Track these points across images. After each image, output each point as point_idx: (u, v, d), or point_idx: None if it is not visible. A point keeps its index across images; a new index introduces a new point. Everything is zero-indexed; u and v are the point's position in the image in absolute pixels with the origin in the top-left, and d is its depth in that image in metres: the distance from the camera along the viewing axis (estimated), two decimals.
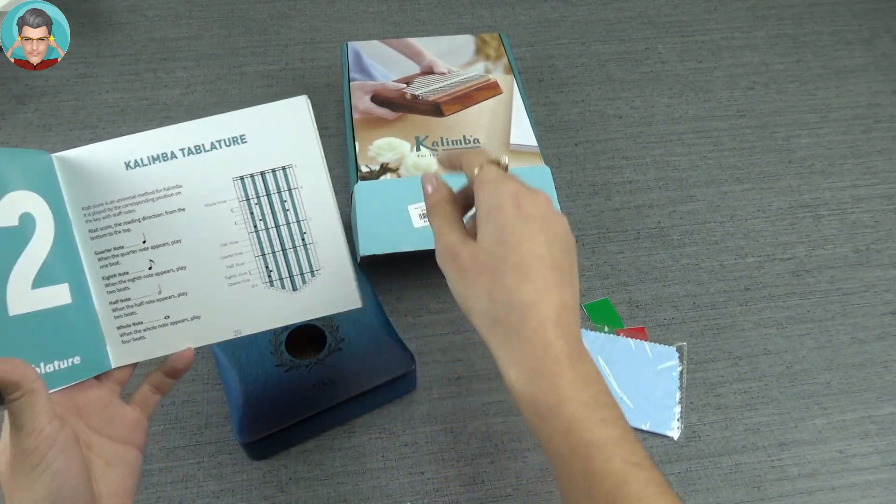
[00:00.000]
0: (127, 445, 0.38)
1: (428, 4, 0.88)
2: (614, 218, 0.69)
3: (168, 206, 0.40)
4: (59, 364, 0.36)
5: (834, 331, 0.62)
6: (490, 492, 0.52)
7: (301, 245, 0.40)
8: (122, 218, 0.40)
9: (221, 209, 0.40)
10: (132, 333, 0.40)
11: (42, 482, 0.32)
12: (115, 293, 0.40)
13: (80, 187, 0.40)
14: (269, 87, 0.78)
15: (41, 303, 0.36)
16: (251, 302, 0.40)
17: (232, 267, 0.40)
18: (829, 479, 0.53)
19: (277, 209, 0.40)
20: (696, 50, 0.85)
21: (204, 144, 0.40)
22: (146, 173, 0.40)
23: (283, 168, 0.40)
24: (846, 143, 0.76)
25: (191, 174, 0.40)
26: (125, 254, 0.40)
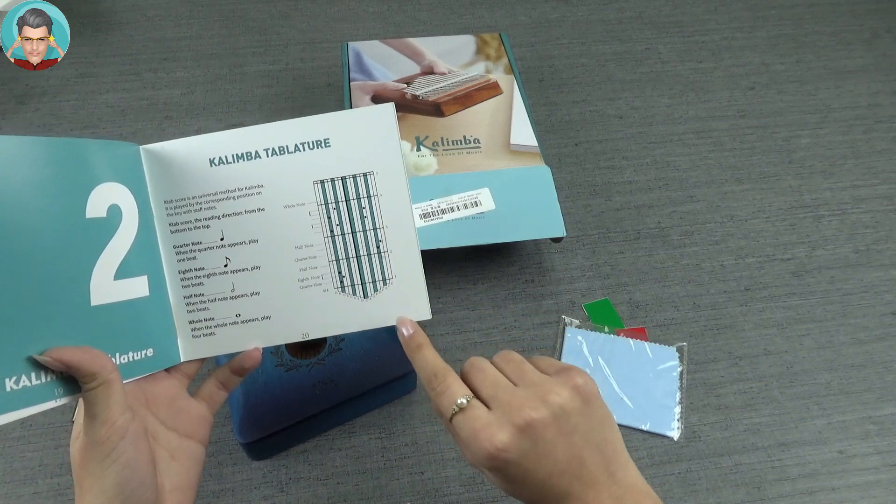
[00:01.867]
0: (191, 439, 0.39)
1: (428, 4, 0.88)
2: (614, 218, 0.69)
3: (248, 205, 0.40)
4: (133, 355, 0.37)
5: (834, 331, 0.62)
6: (490, 492, 0.52)
7: (376, 253, 0.40)
8: (202, 214, 0.40)
9: (300, 212, 0.40)
10: (203, 329, 0.40)
11: (112, 472, 0.32)
12: (190, 287, 0.40)
13: (164, 180, 0.40)
14: (269, 86, 0.78)
15: (122, 294, 0.37)
16: (321, 306, 0.40)
17: (305, 270, 0.40)
18: (829, 480, 0.53)
19: (355, 215, 0.40)
20: (696, 50, 0.85)
21: (288, 146, 0.40)
22: (229, 171, 0.40)
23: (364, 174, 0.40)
24: (846, 143, 0.76)
25: (273, 175, 0.40)
26: (203, 249, 0.40)
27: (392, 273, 0.40)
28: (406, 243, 0.40)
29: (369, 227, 0.40)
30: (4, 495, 0.50)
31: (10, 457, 0.52)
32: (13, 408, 0.31)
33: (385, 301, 0.40)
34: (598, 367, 0.58)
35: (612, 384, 0.57)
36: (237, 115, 0.75)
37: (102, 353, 0.33)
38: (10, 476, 0.51)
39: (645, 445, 0.54)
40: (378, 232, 0.40)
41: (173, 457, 0.37)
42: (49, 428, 0.54)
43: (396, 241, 0.40)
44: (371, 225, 0.40)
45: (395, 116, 0.41)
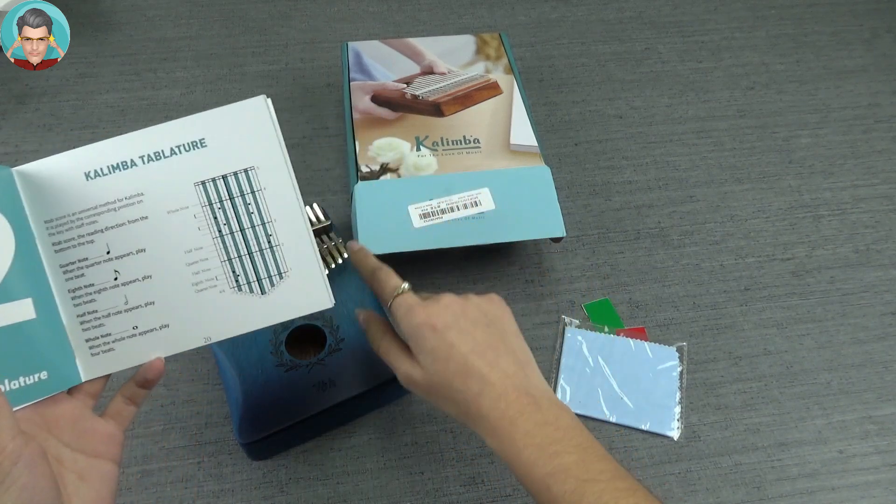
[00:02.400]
0: (101, 459, 0.38)
1: (428, 4, 0.88)
2: (614, 218, 0.69)
3: (130, 215, 0.39)
4: (24, 380, 0.36)
5: (834, 331, 0.62)
6: (490, 492, 0.52)
7: (267, 247, 0.40)
8: (84, 229, 0.39)
9: (184, 215, 0.39)
10: (101, 346, 0.40)
11: (9, 498, 0.32)
12: (82, 305, 0.40)
13: (42, 201, 0.39)
14: (269, 87, 0.78)
15: (4, 319, 0.36)
16: (220, 308, 0.40)
17: (198, 273, 0.40)
18: (829, 479, 0.53)
19: (241, 212, 0.40)
20: (696, 50, 0.85)
21: (163, 150, 0.39)
22: (107, 182, 0.39)
23: (245, 170, 0.40)
24: (846, 143, 0.76)
25: (152, 181, 0.39)
26: (90, 265, 0.40)
27: (287, 266, 0.40)
28: (297, 234, 0.40)
29: (257, 223, 0.40)
30: None
31: None
32: None
33: (284, 294, 0.40)
34: (597, 367, 0.58)
35: (612, 384, 0.57)
36: None
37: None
38: None
39: (645, 445, 0.54)
40: (267, 226, 0.40)
41: (82, 478, 0.37)
42: None
43: (287, 234, 0.40)
44: (259, 220, 0.40)
45: (270, 107, 0.41)
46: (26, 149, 0.71)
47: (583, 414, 0.56)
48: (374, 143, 0.64)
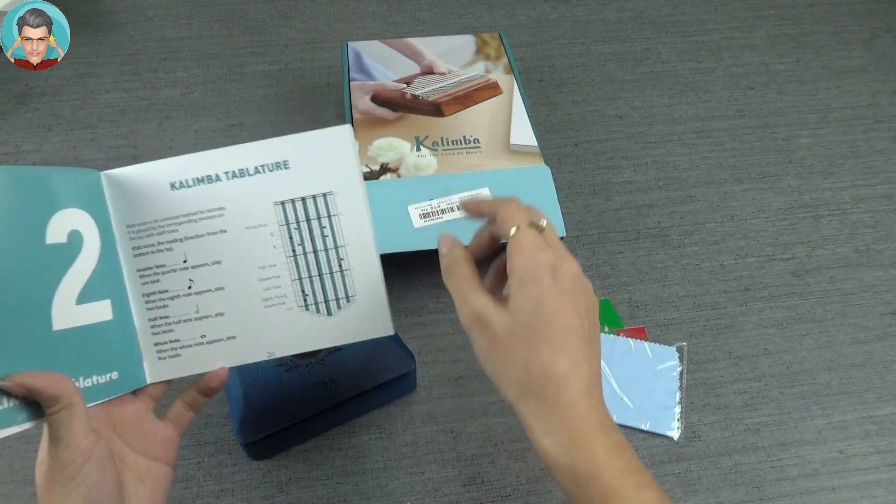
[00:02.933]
0: (158, 461, 0.39)
1: (428, 4, 0.88)
2: (614, 218, 0.69)
3: (210, 227, 0.41)
4: (97, 379, 0.37)
5: (834, 331, 0.62)
6: (490, 492, 0.52)
7: (338, 271, 0.41)
8: (165, 237, 0.41)
9: (262, 233, 0.41)
10: (168, 351, 0.41)
11: (77, 495, 0.32)
12: (155, 310, 0.41)
13: (126, 205, 0.40)
14: (269, 87, 0.78)
15: (84, 318, 0.37)
16: (286, 325, 0.41)
17: (269, 290, 0.41)
18: (829, 479, 0.53)
19: (316, 235, 0.41)
20: (696, 50, 0.85)
21: (248, 168, 0.40)
22: (191, 194, 0.40)
23: (323, 195, 0.40)
24: (846, 143, 0.76)
25: (234, 197, 0.40)
26: (166, 272, 0.41)
27: (354, 290, 0.41)
28: (367, 260, 0.41)
29: (330, 246, 0.40)
30: (4, 495, 0.50)
31: (10, 457, 0.52)
32: None
33: (348, 318, 0.41)
34: None
35: (612, 384, 0.57)
36: (237, 115, 0.75)
37: (65, 376, 0.33)
38: (9, 476, 0.51)
39: (645, 445, 0.54)
40: (339, 250, 0.41)
41: (140, 479, 0.37)
42: None
43: (358, 259, 0.41)
44: (332, 244, 0.41)
45: (353, 137, 0.41)
46: (26, 149, 0.71)
47: None
48: (374, 143, 0.64)
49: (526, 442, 0.54)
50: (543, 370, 0.34)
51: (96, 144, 0.72)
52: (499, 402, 0.56)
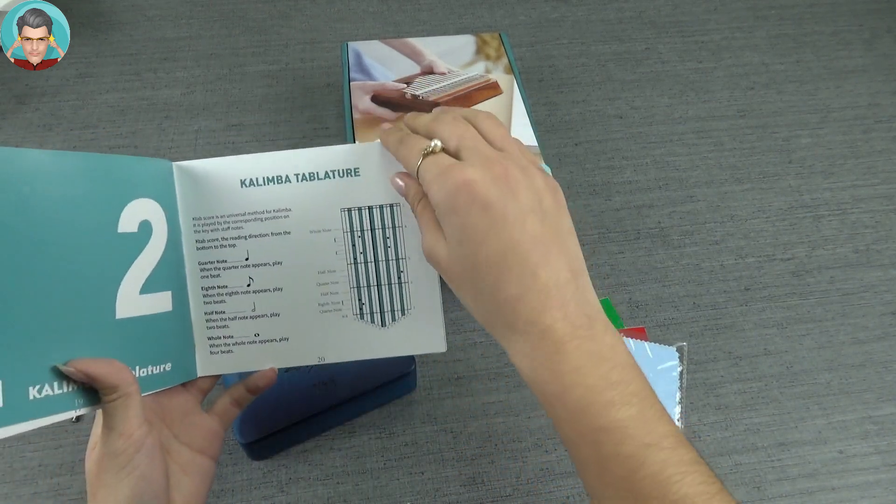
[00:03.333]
0: (202, 454, 0.39)
1: (428, 4, 0.88)
2: (614, 218, 0.69)
3: (275, 227, 0.40)
4: (153, 369, 0.37)
5: (834, 331, 0.62)
6: (490, 492, 0.52)
7: (396, 282, 0.40)
8: (229, 233, 0.41)
9: (325, 237, 0.40)
10: (221, 346, 0.41)
11: (126, 484, 0.32)
12: (212, 304, 0.41)
13: (195, 198, 0.40)
14: (269, 87, 0.78)
15: (146, 308, 0.37)
16: (339, 331, 0.41)
17: (326, 295, 0.40)
18: (829, 479, 0.53)
19: (379, 245, 0.40)
20: (696, 50, 0.85)
21: (318, 173, 0.40)
22: (259, 193, 0.40)
23: (390, 206, 0.40)
24: (846, 143, 0.76)
25: (301, 199, 0.40)
26: (227, 268, 0.41)
27: (411, 304, 0.40)
28: (427, 275, 0.40)
29: (392, 258, 0.40)
30: (4, 495, 0.50)
31: (10, 457, 0.52)
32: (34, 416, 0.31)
33: (402, 330, 0.40)
34: None
35: None
36: (237, 115, 0.75)
37: (124, 366, 0.33)
38: (9, 476, 0.51)
39: None
40: (400, 262, 0.40)
41: (185, 471, 0.37)
42: (49, 428, 0.53)
43: (417, 273, 0.40)
44: (394, 255, 0.40)
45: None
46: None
47: None
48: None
49: (526, 442, 0.54)
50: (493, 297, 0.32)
51: (96, 144, 0.72)
52: (499, 401, 0.56)
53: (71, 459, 0.52)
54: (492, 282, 0.32)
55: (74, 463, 0.52)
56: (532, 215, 0.32)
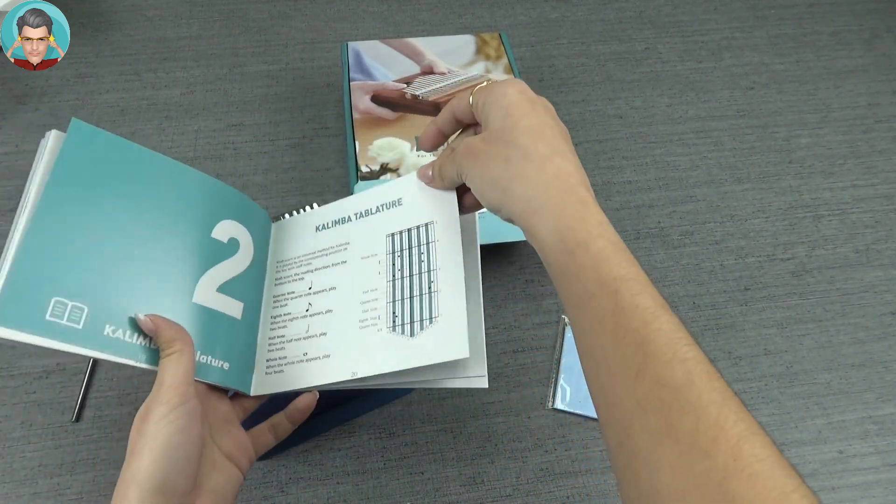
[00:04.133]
0: (231, 461, 0.40)
1: (428, 4, 0.88)
2: (614, 218, 0.69)
3: (336, 259, 0.45)
4: (211, 360, 0.41)
5: (834, 331, 0.62)
6: (490, 492, 0.52)
7: (427, 293, 0.42)
8: (301, 269, 0.47)
9: (372, 261, 0.44)
10: (275, 366, 0.44)
11: (163, 433, 0.34)
12: (277, 330, 0.45)
13: (282, 245, 0.48)
14: (269, 86, 0.78)
15: (218, 305, 0.43)
16: (373, 345, 0.42)
17: (367, 311, 0.43)
18: (829, 479, 0.53)
19: (415, 260, 0.43)
20: (696, 50, 0.85)
21: (371, 208, 0.46)
22: (328, 234, 0.47)
23: (426, 224, 0.43)
24: (846, 143, 0.76)
25: (357, 233, 0.45)
26: (294, 297, 0.46)
27: (438, 311, 0.42)
28: (454, 283, 0.42)
29: (425, 270, 0.42)
30: (4, 495, 0.50)
31: (10, 457, 0.52)
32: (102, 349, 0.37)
33: (427, 339, 0.41)
34: None
35: None
36: (237, 115, 0.75)
37: (183, 328, 0.39)
38: (9, 476, 0.51)
39: None
40: (432, 273, 0.42)
41: (214, 467, 0.38)
42: (49, 428, 0.54)
43: (446, 281, 0.42)
44: (426, 268, 0.43)
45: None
46: (26, 149, 0.71)
47: (583, 414, 0.56)
48: (374, 143, 0.64)
49: (526, 442, 0.54)
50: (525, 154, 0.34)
51: None
52: (499, 401, 0.56)
53: (71, 459, 0.52)
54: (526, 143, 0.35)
55: (74, 463, 0.52)
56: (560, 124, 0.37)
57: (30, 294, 0.36)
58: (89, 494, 0.51)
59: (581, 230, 0.32)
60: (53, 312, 0.36)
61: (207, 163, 0.71)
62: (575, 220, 0.33)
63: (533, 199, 0.34)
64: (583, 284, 0.32)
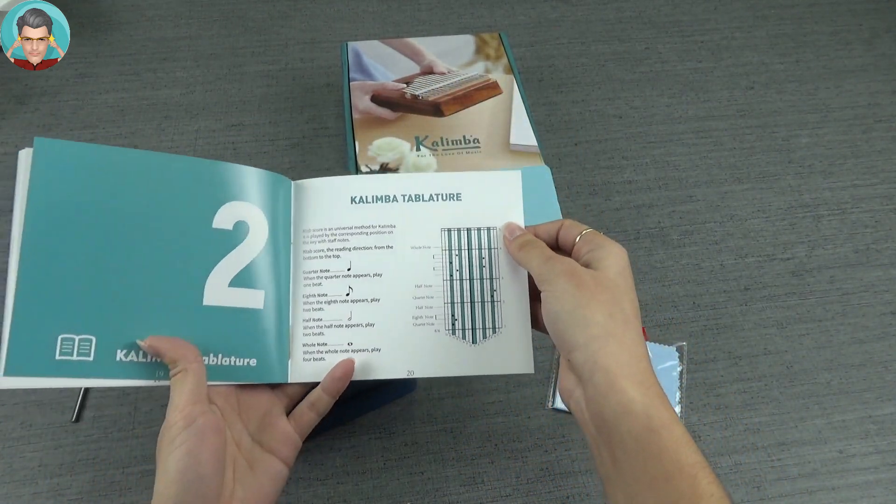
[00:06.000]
0: (274, 456, 0.39)
1: (428, 4, 0.88)
2: (614, 218, 0.69)
3: (379, 241, 0.43)
4: (235, 360, 0.40)
5: (834, 331, 0.62)
6: (490, 492, 0.52)
7: (489, 301, 0.42)
8: (335, 244, 0.43)
9: (425, 254, 0.43)
10: (314, 353, 0.42)
11: (174, 457, 0.34)
12: (311, 312, 0.42)
13: (308, 211, 0.44)
14: (269, 87, 0.78)
15: (233, 301, 0.40)
16: (430, 346, 0.41)
17: (421, 308, 0.42)
18: (829, 479, 0.53)
19: (475, 264, 0.42)
20: (696, 50, 0.85)
21: (423, 195, 0.44)
22: (367, 210, 0.44)
23: (487, 228, 0.43)
24: (846, 143, 0.76)
25: (405, 217, 0.43)
26: (329, 277, 0.43)
27: (502, 322, 0.41)
28: (518, 296, 0.42)
29: (486, 277, 0.42)
30: (4, 495, 0.50)
31: (10, 457, 0.52)
32: (118, 376, 0.36)
33: (491, 349, 0.41)
34: None
35: None
36: (237, 115, 0.75)
37: (190, 346, 0.37)
38: (9, 476, 0.51)
39: None
40: (494, 282, 0.42)
41: (252, 467, 0.38)
42: (49, 428, 0.54)
43: (510, 293, 0.42)
44: (488, 275, 0.42)
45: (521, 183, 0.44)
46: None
47: None
48: (374, 143, 0.64)
49: (526, 441, 0.54)
50: (625, 319, 0.36)
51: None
52: (499, 401, 0.56)
53: (71, 459, 0.52)
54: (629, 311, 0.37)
55: (74, 463, 0.52)
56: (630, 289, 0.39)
57: (36, 338, 0.35)
58: (89, 494, 0.51)
59: (664, 411, 0.33)
60: (62, 350, 0.35)
61: None
62: (658, 399, 0.34)
63: (626, 364, 0.34)
64: (662, 465, 0.32)
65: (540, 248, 0.40)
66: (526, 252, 0.40)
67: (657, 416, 0.33)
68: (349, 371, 0.41)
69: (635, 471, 0.33)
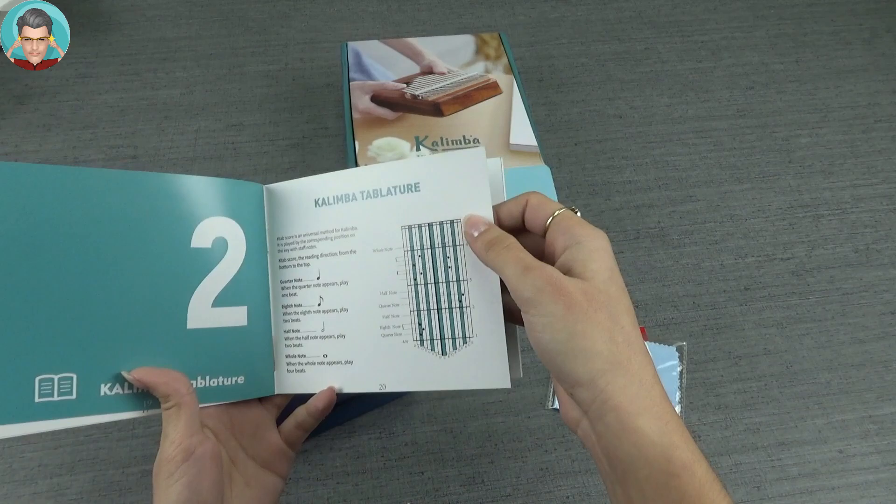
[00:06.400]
0: (269, 470, 0.39)
1: (428, 4, 0.88)
2: (614, 218, 0.69)
3: (342, 246, 0.40)
4: (223, 380, 0.38)
5: (834, 331, 0.62)
6: (490, 492, 0.52)
7: (457, 307, 0.37)
8: (305, 252, 0.41)
9: (387, 257, 0.39)
10: (296, 365, 0.41)
11: (174, 490, 0.33)
12: (290, 322, 0.41)
13: (280, 218, 0.42)
14: (269, 87, 0.78)
15: (217, 321, 0.38)
16: (400, 358, 0.38)
17: (388, 318, 0.39)
18: (829, 479, 0.53)
19: (439, 265, 0.38)
20: (696, 50, 0.85)
21: (381, 189, 0.39)
22: (330, 212, 0.40)
23: (450, 222, 0.38)
24: (846, 143, 0.76)
25: (365, 217, 0.39)
26: (302, 287, 0.41)
27: (473, 331, 0.37)
28: (490, 299, 0.37)
29: (452, 279, 0.37)
30: (4, 495, 0.50)
31: (10, 457, 0.52)
32: (103, 411, 0.34)
33: (462, 361, 0.37)
34: None
35: None
36: (237, 115, 0.75)
37: (181, 376, 0.35)
38: (9, 476, 0.51)
39: None
40: (461, 284, 0.37)
41: (248, 484, 0.38)
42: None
43: (480, 297, 0.37)
44: (454, 276, 0.37)
45: (485, 160, 0.38)
46: (26, 149, 0.71)
47: None
48: (374, 143, 0.64)
49: (526, 441, 0.54)
50: (628, 339, 0.31)
51: (96, 144, 0.72)
52: (499, 401, 0.56)
53: (71, 459, 0.52)
54: (628, 327, 0.32)
55: (74, 463, 0.52)
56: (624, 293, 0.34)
57: (9, 382, 0.32)
58: (89, 494, 0.51)
59: (685, 450, 0.30)
60: (42, 392, 0.33)
61: (207, 163, 0.71)
62: (678, 435, 0.30)
63: (638, 397, 0.30)
64: (686, 470, 0.30)
65: (513, 250, 0.34)
66: (495, 255, 0.34)
67: (678, 457, 0.30)
68: (331, 402, 0.40)
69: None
